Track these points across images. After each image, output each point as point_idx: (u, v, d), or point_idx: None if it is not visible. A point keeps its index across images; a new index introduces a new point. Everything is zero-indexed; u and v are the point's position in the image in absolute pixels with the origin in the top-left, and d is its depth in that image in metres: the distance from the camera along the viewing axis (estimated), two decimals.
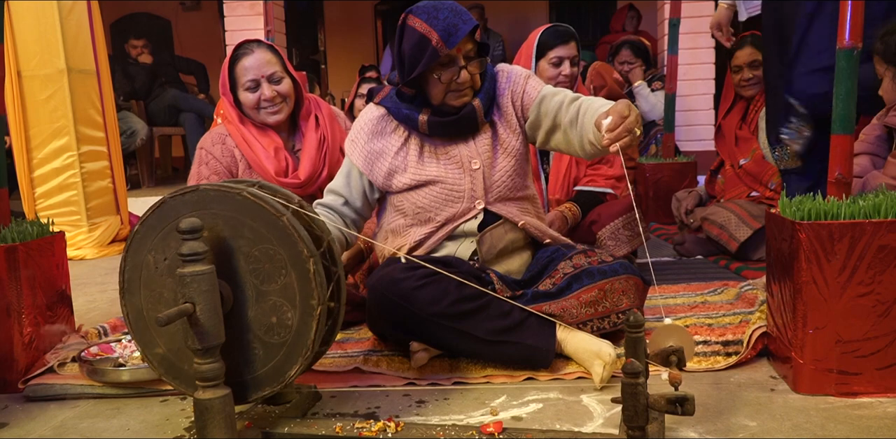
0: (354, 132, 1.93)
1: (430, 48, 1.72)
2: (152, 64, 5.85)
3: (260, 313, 1.33)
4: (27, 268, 1.82)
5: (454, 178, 1.85)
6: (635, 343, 1.31)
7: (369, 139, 1.89)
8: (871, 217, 1.48)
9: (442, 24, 1.72)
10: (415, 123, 1.85)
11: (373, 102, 1.94)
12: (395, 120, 1.89)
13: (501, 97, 1.91)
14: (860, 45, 1.56)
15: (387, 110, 1.90)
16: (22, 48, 3.50)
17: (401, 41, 1.79)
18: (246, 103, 2.26)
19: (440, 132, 1.86)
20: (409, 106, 1.86)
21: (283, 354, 1.33)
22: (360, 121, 1.93)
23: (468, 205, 1.86)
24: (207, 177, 2.23)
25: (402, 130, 1.89)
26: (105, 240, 3.75)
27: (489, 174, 1.87)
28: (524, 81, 1.89)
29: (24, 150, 3.55)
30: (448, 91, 1.80)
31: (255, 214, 1.31)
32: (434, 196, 1.85)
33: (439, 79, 1.77)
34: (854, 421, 1.39)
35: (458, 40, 1.72)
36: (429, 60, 1.73)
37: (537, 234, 1.95)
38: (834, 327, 1.49)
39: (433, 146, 1.88)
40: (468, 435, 1.30)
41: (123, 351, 1.85)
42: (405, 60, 1.78)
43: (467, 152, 1.87)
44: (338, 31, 8.67)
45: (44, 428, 1.57)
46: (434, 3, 1.76)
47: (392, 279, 1.71)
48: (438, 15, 1.73)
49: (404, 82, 1.82)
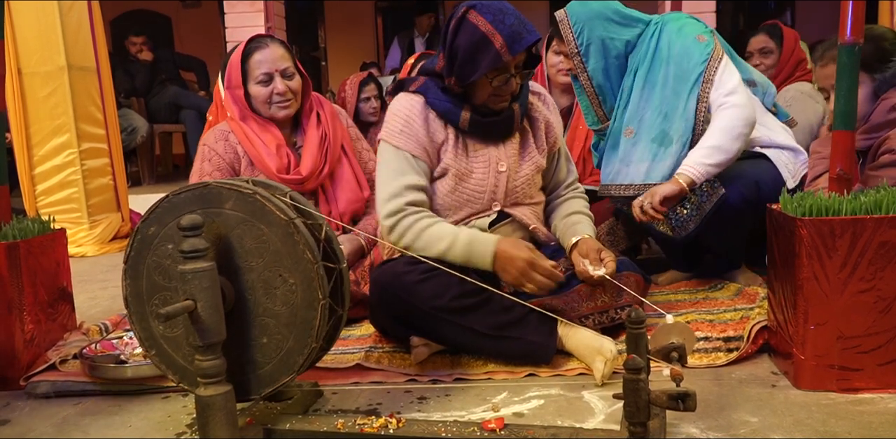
0: (400, 123, 1.81)
1: (493, 51, 1.68)
2: (153, 61, 5.84)
3: (262, 310, 1.33)
4: (28, 265, 1.82)
5: (480, 177, 1.84)
6: (637, 339, 1.31)
7: (421, 126, 1.81)
8: (873, 213, 1.48)
9: (508, 30, 1.68)
10: (456, 119, 1.82)
11: (408, 91, 1.86)
12: (434, 110, 1.84)
13: (537, 116, 1.92)
14: (861, 41, 1.56)
15: (425, 100, 1.84)
16: (22, 45, 3.49)
17: (456, 34, 1.74)
18: (258, 97, 2.26)
19: (479, 131, 1.84)
20: (452, 100, 1.82)
21: (285, 351, 1.33)
22: (405, 111, 1.82)
23: (486, 206, 1.86)
24: (210, 173, 2.23)
25: (442, 121, 1.85)
26: (106, 238, 3.75)
27: (513, 178, 1.87)
28: (556, 118, 1.97)
29: (24, 148, 3.55)
30: (492, 95, 1.78)
31: (259, 213, 1.31)
32: (458, 192, 1.84)
33: (490, 82, 1.74)
34: (855, 417, 1.39)
35: (521, 49, 1.69)
36: (490, 64, 1.70)
37: (542, 239, 1.95)
38: (835, 323, 1.49)
39: (465, 143, 1.86)
40: (469, 431, 1.30)
41: (125, 349, 1.85)
42: (459, 55, 1.74)
43: (496, 154, 1.86)
44: (338, 28, 8.65)
45: (45, 424, 1.57)
46: (499, 5, 1.72)
47: (395, 273, 1.71)
48: (505, 19, 1.69)
49: (458, 80, 1.76)
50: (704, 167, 1.96)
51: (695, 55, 2.05)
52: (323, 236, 1.38)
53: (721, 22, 4.58)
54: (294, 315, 1.32)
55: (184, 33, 8.11)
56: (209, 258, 1.25)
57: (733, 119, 1.99)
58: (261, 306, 1.33)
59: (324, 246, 1.37)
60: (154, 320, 1.37)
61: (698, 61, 2.04)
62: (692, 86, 2.04)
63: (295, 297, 1.31)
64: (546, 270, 1.70)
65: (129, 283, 1.39)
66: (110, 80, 3.90)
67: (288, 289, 1.31)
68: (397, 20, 8.30)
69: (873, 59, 1.92)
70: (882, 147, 1.91)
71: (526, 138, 1.91)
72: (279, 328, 1.33)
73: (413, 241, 1.75)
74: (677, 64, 2.07)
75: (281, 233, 1.30)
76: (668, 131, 2.06)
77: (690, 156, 1.99)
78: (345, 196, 2.35)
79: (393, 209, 1.77)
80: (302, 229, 1.30)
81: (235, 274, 1.33)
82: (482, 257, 1.72)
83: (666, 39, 2.09)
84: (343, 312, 1.44)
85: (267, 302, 1.33)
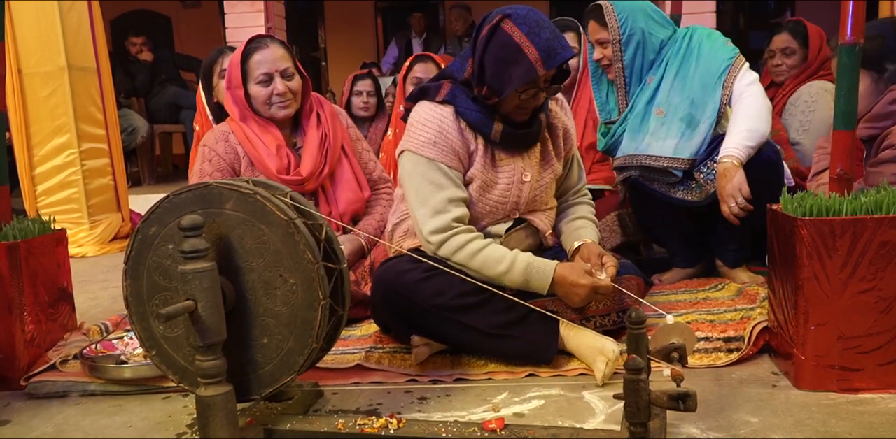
0: (433, 133, 1.75)
1: (528, 65, 1.65)
2: (153, 61, 5.85)
3: (263, 310, 1.33)
4: (29, 265, 1.82)
5: (504, 187, 1.83)
6: (637, 339, 1.31)
7: (456, 138, 1.77)
8: (873, 213, 1.48)
9: (544, 44, 1.65)
10: (488, 131, 1.78)
11: (435, 100, 1.80)
12: (463, 120, 1.80)
13: (556, 123, 1.92)
14: (861, 41, 1.56)
15: (454, 110, 1.79)
16: (22, 45, 3.50)
17: (488, 43, 1.70)
18: (257, 97, 2.26)
19: (509, 142, 1.82)
20: (483, 110, 1.78)
21: (286, 352, 1.33)
22: (436, 122, 1.76)
23: (507, 215, 1.87)
24: (210, 173, 2.23)
25: (472, 131, 1.81)
26: (106, 238, 3.75)
27: (534, 187, 1.87)
28: (572, 124, 1.98)
29: (25, 148, 3.55)
30: (517, 107, 1.76)
31: (260, 214, 1.31)
32: (483, 203, 1.82)
33: (518, 96, 1.72)
34: (856, 417, 1.39)
35: (555, 65, 1.67)
36: (522, 78, 1.67)
37: (551, 244, 1.96)
38: (835, 323, 1.49)
39: (493, 153, 1.83)
40: (470, 431, 1.30)
41: (125, 349, 1.85)
42: (491, 65, 1.71)
43: (521, 165, 1.85)
44: (338, 29, 8.65)
45: (46, 425, 1.58)
46: (535, 17, 1.69)
47: (397, 270, 1.71)
48: (541, 33, 1.66)
49: (491, 92, 1.73)
50: (747, 149, 2.12)
51: (723, 52, 2.29)
52: (323, 236, 1.38)
53: (721, 22, 4.58)
54: (294, 315, 1.32)
55: (184, 33, 8.11)
56: (210, 258, 1.25)
57: (759, 106, 2.19)
58: (261, 306, 1.33)
59: (324, 246, 1.37)
60: (154, 320, 1.38)
61: (726, 57, 2.27)
62: (720, 76, 2.25)
63: (295, 297, 1.31)
64: (608, 289, 1.70)
65: (129, 283, 1.39)
66: (110, 80, 3.90)
67: (288, 290, 1.31)
68: (397, 20, 8.30)
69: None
70: (885, 142, 1.91)
71: (546, 147, 1.91)
72: (280, 328, 1.33)
73: (466, 262, 1.72)
74: (707, 59, 2.29)
75: (281, 234, 1.30)
76: (695, 115, 2.25)
77: (731, 140, 2.14)
78: (345, 196, 2.35)
79: (440, 226, 1.72)
80: (303, 229, 1.31)
81: (236, 274, 1.33)
82: (541, 282, 1.71)
83: (697, 40, 2.34)
84: (343, 312, 1.44)
85: (267, 302, 1.33)
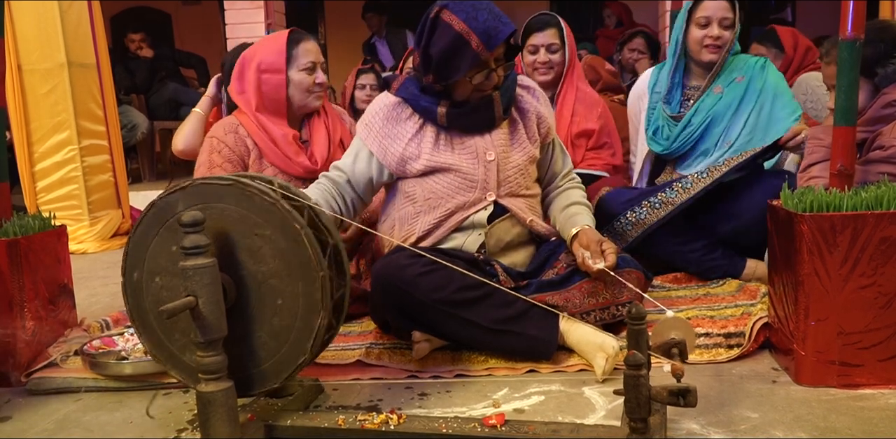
0: (369, 116, 1.92)
1: (470, 51, 1.68)
2: (152, 58, 5.83)
3: (263, 307, 1.33)
4: (29, 261, 1.82)
5: (468, 167, 1.85)
6: (637, 335, 1.31)
7: (384, 124, 1.88)
8: (874, 208, 1.48)
9: (482, 27, 1.68)
10: (433, 115, 1.84)
11: (388, 91, 1.92)
12: (410, 108, 1.88)
13: (527, 107, 1.93)
14: (862, 37, 1.55)
15: (404, 100, 1.88)
16: (22, 42, 3.49)
17: (431, 36, 1.74)
18: (301, 83, 2.28)
19: (458, 123, 1.86)
20: (428, 98, 1.84)
21: (287, 348, 1.33)
22: (375, 106, 1.92)
23: (480, 195, 1.87)
24: (220, 164, 2.23)
25: (418, 118, 1.88)
26: (106, 234, 3.75)
27: (503, 167, 1.88)
28: (547, 111, 1.98)
29: (25, 144, 3.55)
30: (475, 90, 1.79)
31: (264, 213, 1.31)
32: (447, 183, 1.85)
33: (470, 80, 1.75)
34: (856, 413, 1.39)
35: (497, 44, 1.69)
36: (469, 64, 1.70)
37: (543, 232, 1.96)
38: (836, 319, 1.49)
39: (449, 136, 1.88)
40: (470, 427, 1.30)
41: (126, 345, 1.85)
42: (436, 57, 1.74)
43: (483, 144, 1.87)
44: (338, 25, 8.64)
45: (46, 421, 1.58)
46: (472, 2, 1.71)
47: (397, 265, 1.71)
48: (478, 15, 1.68)
49: (437, 79, 1.78)
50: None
51: (790, 109, 2.38)
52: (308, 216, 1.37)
53: None
54: (295, 312, 1.32)
55: (183, 30, 8.10)
56: (210, 254, 1.25)
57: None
58: (261, 303, 1.33)
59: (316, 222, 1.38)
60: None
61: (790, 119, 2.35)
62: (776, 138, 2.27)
63: (297, 293, 1.31)
64: None
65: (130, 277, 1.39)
66: (110, 76, 3.90)
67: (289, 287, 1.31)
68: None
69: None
70: (875, 142, 1.91)
71: (516, 128, 1.92)
72: (281, 322, 1.33)
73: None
74: (778, 114, 2.37)
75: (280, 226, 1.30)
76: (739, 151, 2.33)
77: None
78: None
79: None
80: (308, 232, 1.30)
81: (236, 270, 1.33)
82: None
83: (773, 81, 2.40)
84: (345, 285, 1.43)
85: (267, 298, 1.33)
